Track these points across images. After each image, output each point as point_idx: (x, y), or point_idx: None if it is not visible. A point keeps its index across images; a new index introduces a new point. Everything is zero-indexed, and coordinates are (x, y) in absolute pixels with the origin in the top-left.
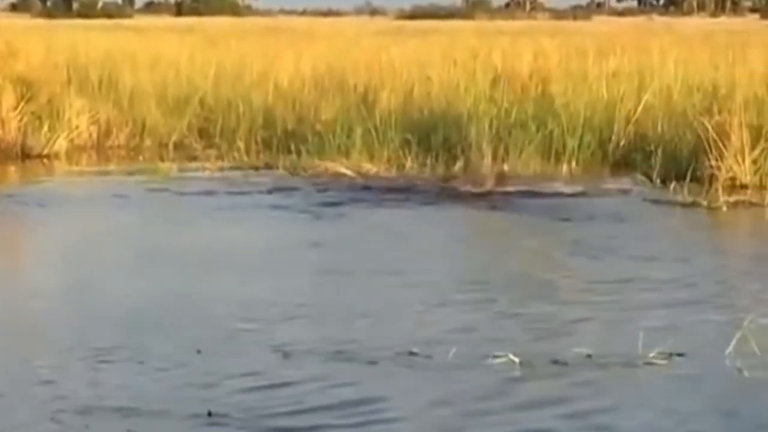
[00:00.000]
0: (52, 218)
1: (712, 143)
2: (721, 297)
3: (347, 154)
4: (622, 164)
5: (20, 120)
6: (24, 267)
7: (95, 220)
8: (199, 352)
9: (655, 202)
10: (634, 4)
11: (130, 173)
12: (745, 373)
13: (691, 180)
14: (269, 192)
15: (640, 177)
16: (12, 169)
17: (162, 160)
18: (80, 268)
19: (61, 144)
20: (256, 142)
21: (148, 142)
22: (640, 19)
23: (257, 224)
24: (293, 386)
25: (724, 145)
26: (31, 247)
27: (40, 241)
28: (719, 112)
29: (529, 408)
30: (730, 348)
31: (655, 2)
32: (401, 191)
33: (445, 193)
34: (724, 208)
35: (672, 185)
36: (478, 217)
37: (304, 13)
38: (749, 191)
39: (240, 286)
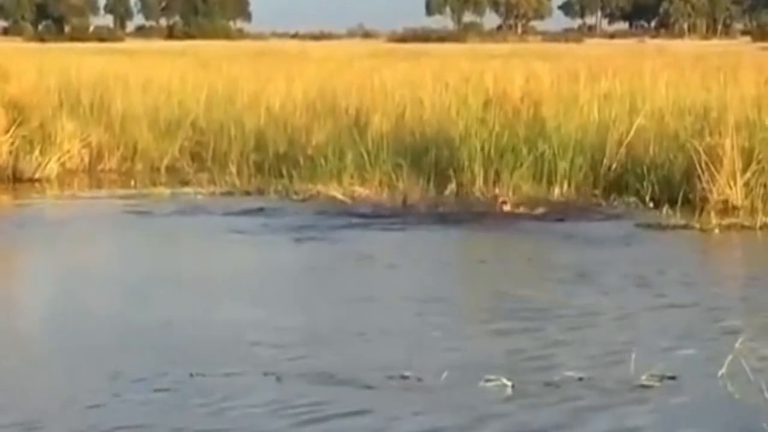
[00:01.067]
0: (41, 241)
1: (704, 166)
2: (713, 320)
3: (339, 178)
4: (614, 187)
5: (12, 144)
6: (14, 290)
7: (85, 243)
8: (191, 375)
9: (648, 225)
10: (626, 26)
11: (122, 197)
12: (737, 396)
13: (684, 203)
14: (261, 216)
15: (632, 199)
16: (3, 192)
17: (154, 184)
18: (71, 292)
19: (52, 168)
20: (248, 166)
21: (139, 165)
22: (632, 42)
23: (249, 248)
24: (286, 409)
25: (716, 168)
26: (22, 270)
27: (31, 265)
28: (711, 134)
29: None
30: (722, 370)
31: (646, 25)
32: (393, 214)
33: (437, 216)
34: (717, 231)
35: (664, 208)
36: (469, 240)
37: (296, 35)
38: (741, 214)
39: (232, 310)
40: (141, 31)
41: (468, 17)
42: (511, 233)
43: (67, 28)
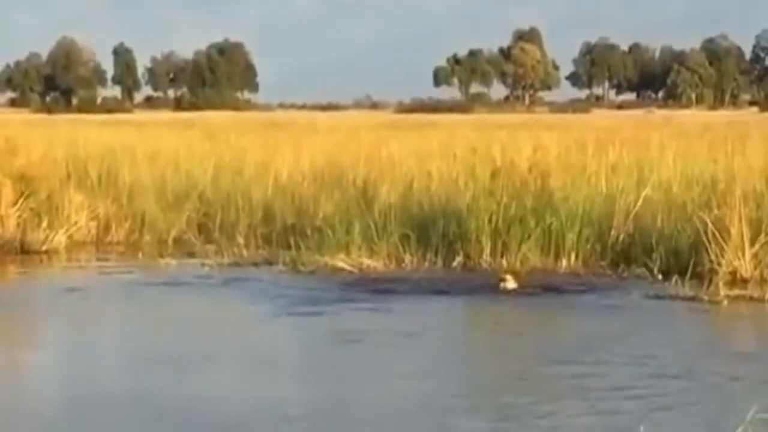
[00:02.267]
0: (48, 313)
1: (711, 237)
2: (722, 393)
3: (347, 249)
4: (622, 258)
5: (19, 216)
6: (20, 364)
7: (91, 316)
8: None
9: (656, 297)
10: (633, 97)
11: (129, 270)
12: None
13: (692, 274)
14: (269, 288)
15: (640, 271)
16: (11, 265)
17: (161, 255)
18: (77, 366)
19: (60, 240)
20: (256, 237)
21: (147, 237)
22: (639, 112)
23: (256, 320)
24: None
25: (724, 240)
26: (25, 343)
27: (36, 337)
28: (718, 206)
29: None
30: None
31: (654, 95)
32: (401, 287)
33: (446, 288)
34: (725, 303)
35: (673, 279)
36: (476, 313)
37: (303, 107)
38: (750, 285)
39: (234, 382)
40: (149, 102)
41: (475, 88)
42: (519, 305)
43: (74, 100)
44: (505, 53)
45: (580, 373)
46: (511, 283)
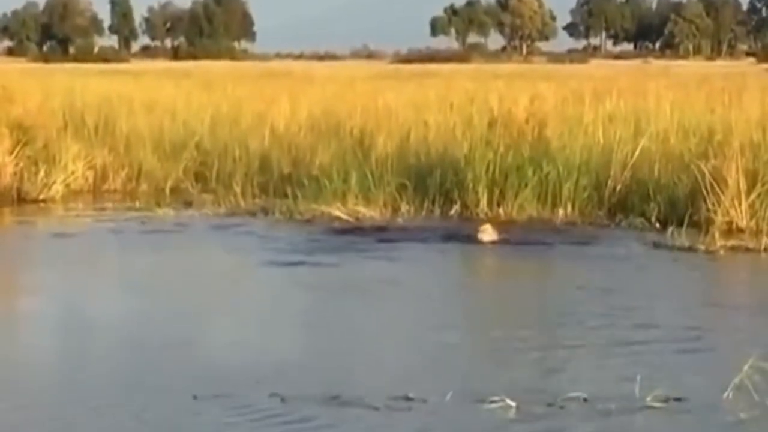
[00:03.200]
0: (45, 259)
1: (708, 187)
2: (719, 342)
3: (343, 199)
4: (619, 208)
5: (16, 165)
6: (19, 308)
7: (87, 264)
8: (195, 397)
9: (654, 246)
10: (630, 47)
11: (126, 218)
12: (743, 417)
13: (689, 224)
14: (265, 237)
15: (638, 221)
16: (8, 213)
17: (158, 205)
18: (74, 310)
19: (57, 188)
20: (253, 187)
21: (144, 186)
22: (636, 63)
23: (251, 269)
24: (291, 430)
25: (721, 190)
26: (24, 288)
27: (34, 283)
28: (715, 156)
29: None
30: (728, 393)
31: (651, 45)
32: (397, 235)
33: (441, 237)
34: (722, 253)
35: (670, 229)
36: (474, 261)
37: (300, 56)
38: (746, 236)
39: (235, 331)
40: (146, 52)
41: (472, 38)
42: (516, 254)
43: (71, 49)
44: (503, 3)
45: (577, 321)
46: (487, 235)
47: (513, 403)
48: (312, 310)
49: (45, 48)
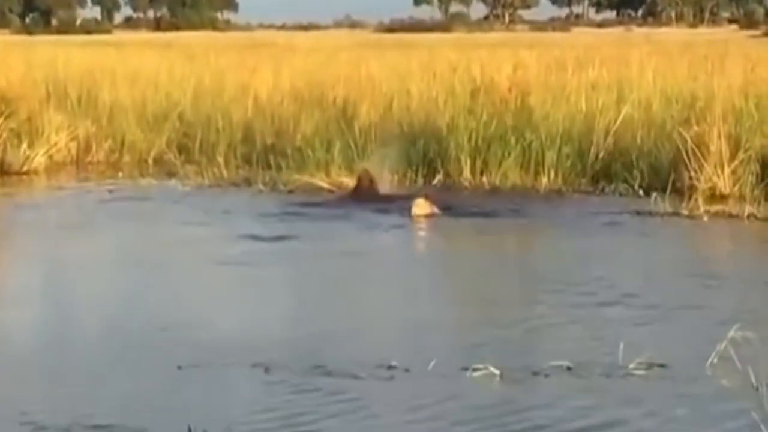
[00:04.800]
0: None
1: (691, 154)
2: (702, 308)
3: (327, 169)
4: (602, 176)
5: None
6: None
7: (72, 234)
8: (179, 368)
9: (637, 212)
10: (613, 15)
11: (110, 189)
12: (726, 384)
13: (673, 190)
14: (249, 207)
15: (621, 188)
16: None
17: (141, 175)
18: (58, 284)
19: (40, 160)
20: (236, 158)
21: (127, 158)
22: (619, 30)
23: (235, 241)
24: (274, 399)
25: (704, 156)
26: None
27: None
28: (698, 123)
29: (510, 420)
30: (711, 360)
31: (633, 13)
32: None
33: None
34: (705, 219)
35: (653, 196)
36: (457, 229)
37: (283, 27)
38: (729, 202)
39: (216, 302)
40: (128, 23)
41: (455, 7)
42: (497, 222)
43: (54, 21)
44: None
45: (560, 287)
46: (420, 209)
47: (497, 371)
48: (294, 282)
49: (27, 20)
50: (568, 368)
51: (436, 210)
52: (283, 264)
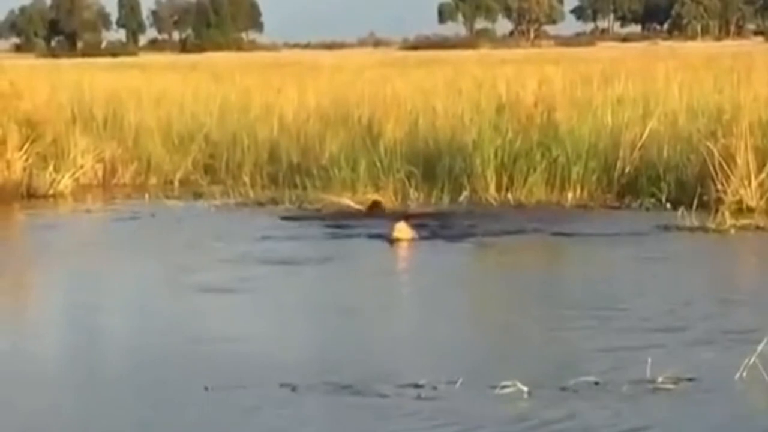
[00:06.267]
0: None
1: (718, 167)
2: (731, 322)
3: (353, 187)
4: (628, 190)
5: (25, 160)
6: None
7: (100, 255)
8: (206, 388)
9: (664, 227)
10: (638, 29)
11: (136, 211)
12: (754, 397)
13: (699, 204)
14: (275, 227)
15: (647, 202)
16: (17, 209)
17: (167, 197)
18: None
19: (66, 183)
20: (262, 177)
21: (153, 179)
22: (644, 45)
23: (264, 259)
24: (301, 420)
25: (730, 169)
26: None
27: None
28: (725, 136)
29: None
30: (740, 373)
31: (658, 27)
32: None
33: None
34: (732, 232)
35: (680, 210)
36: (485, 244)
37: (308, 46)
38: (756, 215)
39: (244, 322)
40: (154, 45)
41: (480, 24)
42: (527, 238)
43: (79, 44)
44: None
45: (588, 302)
46: (401, 233)
47: (525, 388)
48: (321, 300)
49: (53, 43)
50: (596, 383)
51: (416, 234)
52: (307, 284)
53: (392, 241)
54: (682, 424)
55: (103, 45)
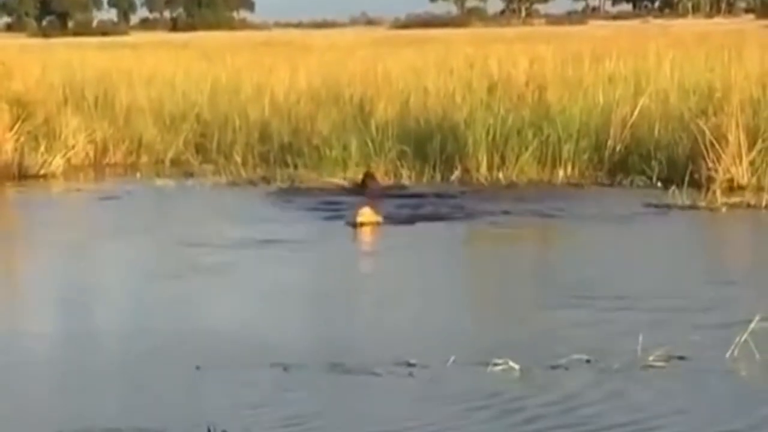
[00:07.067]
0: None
1: (709, 145)
2: (722, 300)
3: (344, 167)
4: (619, 168)
5: (17, 140)
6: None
7: (92, 236)
8: (198, 368)
9: (655, 205)
10: (629, 7)
11: (128, 191)
12: (744, 375)
13: (690, 182)
14: (266, 206)
15: (639, 180)
16: (9, 189)
17: (159, 176)
18: (81, 284)
19: (58, 163)
20: (253, 157)
21: (144, 159)
22: (636, 23)
23: (255, 239)
24: (293, 398)
25: (722, 147)
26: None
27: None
28: (716, 114)
29: (530, 415)
30: (731, 352)
31: (650, 5)
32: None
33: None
34: (723, 210)
35: (671, 188)
36: (475, 224)
37: (299, 25)
38: (747, 193)
39: (235, 302)
40: (145, 24)
41: (471, 2)
42: (517, 217)
43: (70, 23)
44: None
45: (579, 280)
46: (365, 217)
47: (516, 366)
48: (309, 280)
49: (44, 23)
50: (587, 361)
51: (380, 218)
52: (298, 263)
53: (355, 225)
54: (673, 402)
55: (95, 24)
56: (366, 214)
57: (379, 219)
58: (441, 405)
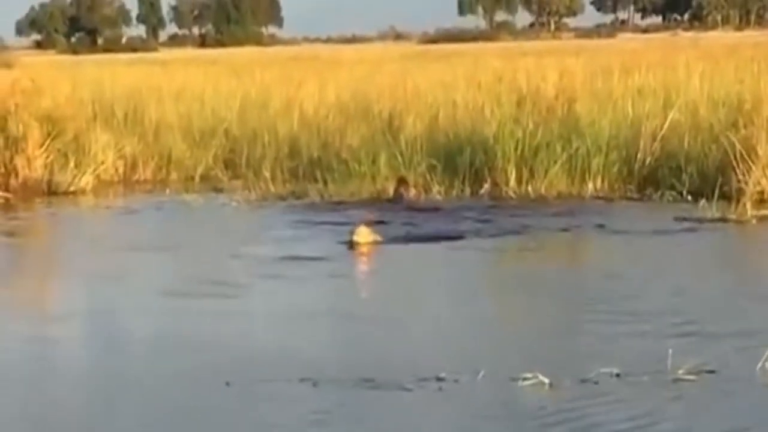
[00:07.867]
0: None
1: (738, 158)
2: (752, 312)
3: (374, 181)
4: (649, 182)
5: (47, 157)
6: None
7: (122, 252)
8: (227, 384)
9: (684, 218)
10: (659, 20)
11: (157, 207)
12: None
13: (720, 195)
14: (297, 221)
15: (669, 193)
16: (39, 206)
17: (188, 192)
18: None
19: (87, 180)
20: (282, 172)
21: (174, 175)
22: (665, 35)
23: (283, 255)
24: (323, 414)
25: (751, 160)
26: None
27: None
28: (745, 126)
29: (561, 429)
30: (761, 364)
31: (679, 18)
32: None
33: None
34: (753, 223)
35: (701, 201)
36: (503, 237)
37: (328, 40)
38: None
39: (265, 317)
40: (174, 40)
41: (500, 16)
42: (547, 230)
43: (100, 40)
44: None
45: (610, 293)
46: (362, 237)
47: (546, 380)
48: (338, 294)
49: (73, 40)
50: (617, 375)
51: (378, 237)
52: (325, 280)
53: (352, 244)
54: (703, 416)
55: (124, 41)
56: (363, 233)
57: (377, 238)
58: (471, 419)
